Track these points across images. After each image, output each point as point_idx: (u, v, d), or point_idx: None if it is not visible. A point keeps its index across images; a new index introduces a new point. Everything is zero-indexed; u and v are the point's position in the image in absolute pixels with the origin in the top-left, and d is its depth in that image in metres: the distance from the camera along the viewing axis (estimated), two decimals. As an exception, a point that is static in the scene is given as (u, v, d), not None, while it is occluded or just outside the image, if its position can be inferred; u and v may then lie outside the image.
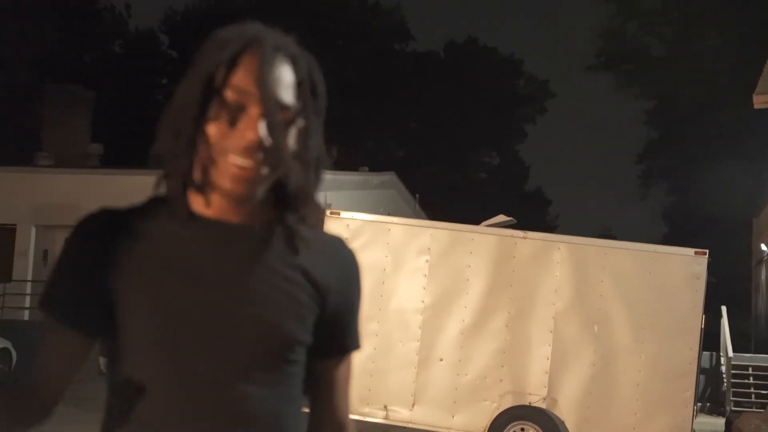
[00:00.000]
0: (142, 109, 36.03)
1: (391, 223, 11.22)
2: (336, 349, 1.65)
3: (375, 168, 29.01)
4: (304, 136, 1.54)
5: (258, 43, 1.50)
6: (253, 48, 1.49)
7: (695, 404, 10.54)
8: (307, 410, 1.67)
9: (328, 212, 11.10)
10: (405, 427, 10.68)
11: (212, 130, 1.47)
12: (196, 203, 1.53)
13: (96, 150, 26.69)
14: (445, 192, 39.58)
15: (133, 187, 21.10)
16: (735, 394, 18.91)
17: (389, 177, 29.15)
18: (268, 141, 1.47)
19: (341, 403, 1.69)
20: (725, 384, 20.97)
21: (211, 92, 1.48)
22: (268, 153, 1.47)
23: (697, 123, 35.07)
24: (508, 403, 10.45)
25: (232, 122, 1.47)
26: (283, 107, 1.49)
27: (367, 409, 10.52)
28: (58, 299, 1.54)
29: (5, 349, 19.61)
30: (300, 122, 1.53)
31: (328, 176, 25.71)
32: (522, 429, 10.38)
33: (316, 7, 40.44)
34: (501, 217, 12.67)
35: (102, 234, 1.54)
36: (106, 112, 32.22)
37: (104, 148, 26.84)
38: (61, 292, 1.54)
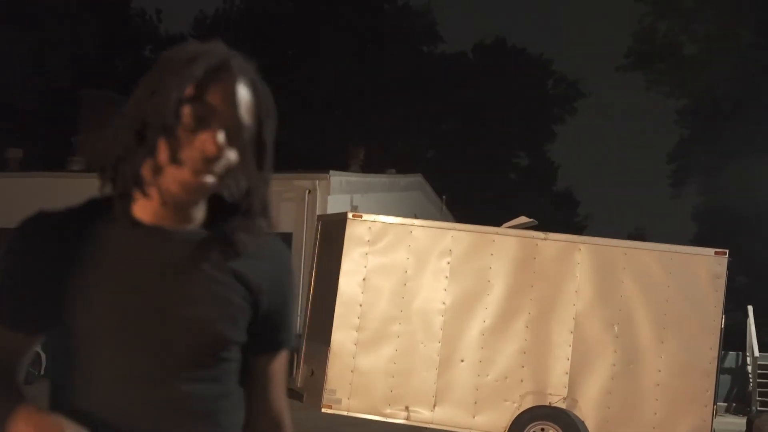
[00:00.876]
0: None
1: (413, 225, 11.33)
2: (270, 346, 1.75)
3: (403, 170, 29.08)
4: (257, 153, 1.65)
5: (227, 66, 1.60)
6: (223, 69, 1.59)
7: (715, 404, 10.56)
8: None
9: (350, 215, 11.24)
10: (426, 428, 10.79)
11: (166, 141, 1.56)
12: (135, 208, 1.62)
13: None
14: (474, 193, 39.58)
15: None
16: (761, 394, 18.82)
17: (416, 179, 29.21)
18: (226, 156, 1.58)
19: (277, 396, 1.78)
20: (751, 384, 20.87)
21: (179, 105, 1.56)
22: (221, 167, 1.58)
23: (729, 122, 34.83)
24: (528, 403, 10.53)
25: (192, 134, 1.56)
26: (240, 128, 1.60)
27: (389, 410, 10.64)
28: (15, 309, 1.62)
29: (35, 353, 19.93)
30: (254, 140, 1.64)
31: (355, 179, 25.94)
32: (542, 429, 10.46)
33: (348, 11, 40.61)
34: (522, 219, 12.71)
35: (41, 238, 1.61)
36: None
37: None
38: (17, 301, 1.62)
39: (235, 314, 1.64)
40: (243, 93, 1.61)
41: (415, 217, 19.67)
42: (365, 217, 11.39)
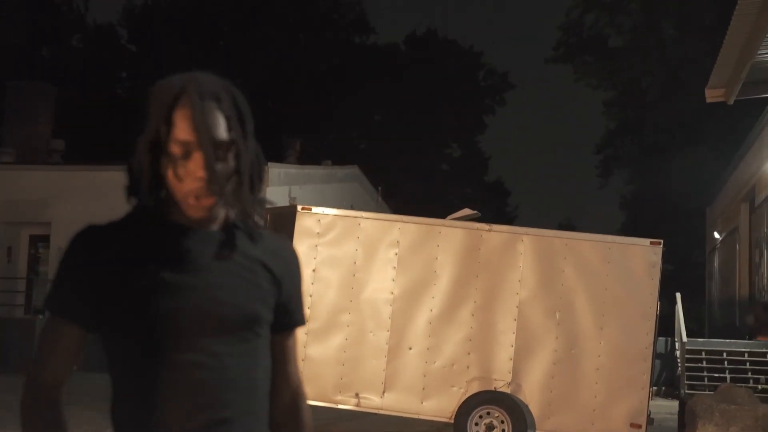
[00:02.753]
0: (103, 104, 35.98)
1: (361, 217, 11.58)
2: (288, 325, 2.07)
3: (338, 161, 29.29)
4: (239, 157, 1.91)
5: (185, 95, 1.86)
6: (182, 100, 1.86)
7: (651, 387, 11.06)
8: None
9: (299, 208, 11.44)
10: (376, 414, 11.07)
11: (172, 176, 1.87)
12: (175, 214, 1.91)
13: (58, 146, 26.64)
14: (408, 184, 39.94)
15: (95, 183, 21.13)
16: (689, 378, 19.54)
17: (352, 170, 29.43)
18: (213, 176, 1.85)
19: (294, 369, 2.11)
20: (680, 368, 21.62)
21: (160, 145, 1.86)
22: (216, 185, 1.85)
23: (654, 113, 35.81)
24: (475, 388, 10.88)
25: (185, 167, 1.86)
26: (219, 144, 1.86)
27: (339, 397, 10.90)
28: (59, 299, 1.90)
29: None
30: (234, 149, 1.90)
31: (293, 170, 25.99)
32: (488, 413, 10.81)
33: (280, 0, 40.50)
34: (466, 211, 13.06)
35: (90, 247, 1.89)
36: (67, 107, 32.13)
37: (66, 143, 26.80)
38: (62, 294, 1.89)
39: (265, 296, 1.96)
40: (208, 115, 1.86)
41: (352, 208, 19.93)
42: (314, 209, 11.60)
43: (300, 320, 2.10)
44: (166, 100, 1.85)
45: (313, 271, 11.06)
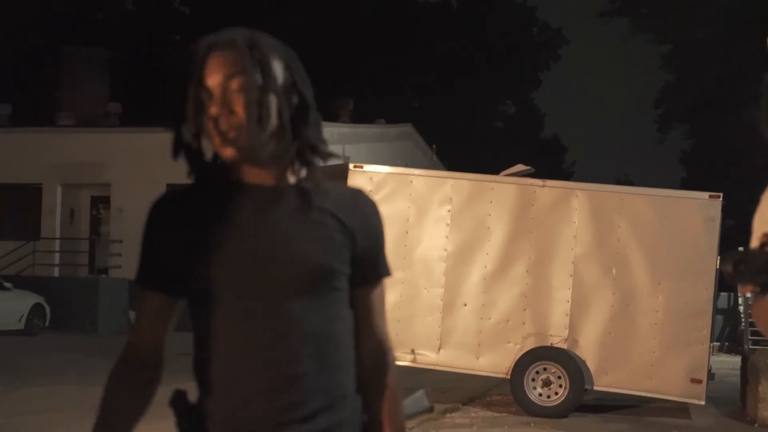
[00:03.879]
0: (157, 66, 36.25)
1: (413, 174, 11.54)
2: (370, 277, 2.01)
3: (392, 120, 29.20)
4: (272, 102, 1.86)
5: (217, 46, 1.86)
6: (213, 50, 1.85)
7: (711, 342, 10.91)
8: None
9: (351, 166, 11.43)
10: (432, 370, 11.10)
11: (205, 119, 1.86)
12: (238, 173, 1.91)
13: (115, 109, 26.99)
14: (462, 142, 39.73)
15: (153, 144, 21.39)
16: (752, 333, 19.30)
17: (406, 128, 29.35)
18: (223, 110, 1.83)
19: (380, 322, 2.05)
20: (743, 323, 21.35)
21: (193, 99, 1.85)
22: (233, 119, 1.83)
23: (714, 65, 35.00)
24: (530, 344, 10.85)
25: (208, 109, 1.85)
26: (236, 78, 1.83)
27: (395, 354, 10.90)
28: (143, 268, 1.94)
29: (39, 305, 20.18)
30: (266, 96, 1.86)
31: (346, 129, 26.03)
32: (545, 368, 10.79)
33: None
34: (520, 167, 12.94)
35: (165, 212, 1.92)
36: (122, 70, 32.46)
37: (123, 106, 27.14)
38: (155, 268, 1.92)
39: (338, 248, 1.91)
40: (230, 56, 1.84)
41: (406, 166, 19.88)
42: (366, 167, 11.58)
43: (382, 272, 2.03)
44: (199, 54, 1.85)
45: (366, 228, 11.05)
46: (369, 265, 1.99)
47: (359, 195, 2.02)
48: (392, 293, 10.94)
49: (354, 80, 37.33)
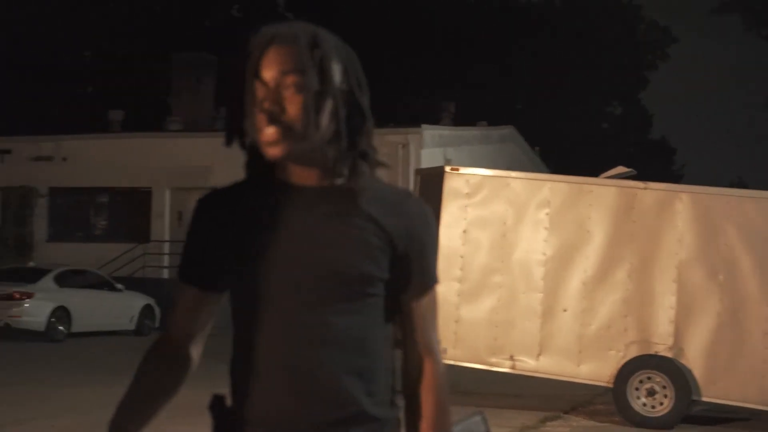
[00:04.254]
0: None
1: (510, 177, 11.37)
2: (414, 283, 1.93)
3: (494, 122, 28.96)
4: (327, 105, 1.82)
5: (275, 39, 1.81)
6: (272, 44, 1.80)
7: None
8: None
9: (447, 168, 11.34)
10: (532, 377, 10.90)
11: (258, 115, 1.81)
12: (283, 172, 1.87)
13: (223, 113, 27.53)
14: (567, 144, 39.17)
15: None
16: None
17: (509, 130, 29.07)
18: (276, 107, 1.78)
19: (425, 331, 1.96)
20: None
21: (247, 90, 1.81)
22: (284, 115, 1.78)
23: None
24: (633, 352, 10.52)
25: (261, 104, 1.80)
26: (294, 76, 1.78)
27: (493, 359, 10.79)
28: (191, 269, 1.94)
29: (149, 306, 20.76)
30: (321, 99, 1.81)
31: (447, 132, 25.95)
32: (649, 377, 10.46)
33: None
34: (620, 168, 12.59)
35: (209, 209, 1.92)
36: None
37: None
38: (192, 263, 1.94)
39: (374, 253, 1.84)
40: (289, 51, 1.80)
41: (509, 169, 19.68)
42: (462, 170, 11.48)
43: (426, 279, 1.94)
44: (259, 44, 1.81)
45: (464, 232, 10.96)
46: (412, 271, 1.91)
47: (406, 198, 1.93)
48: (490, 298, 10.81)
49: (457, 82, 37.19)
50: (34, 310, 17.83)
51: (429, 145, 23.27)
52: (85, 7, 34.30)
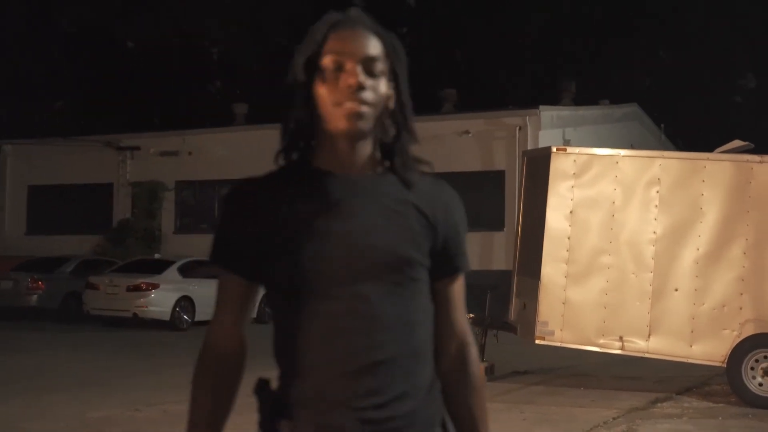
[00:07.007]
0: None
1: (619, 156, 11.14)
2: (450, 270, 1.99)
3: (617, 101, 28.29)
4: (392, 85, 1.91)
5: (343, 20, 1.91)
6: (338, 26, 1.90)
7: None
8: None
9: (554, 149, 11.20)
10: (642, 358, 10.70)
11: (323, 91, 1.87)
12: (322, 162, 1.92)
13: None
14: (696, 120, 37.87)
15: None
16: None
17: (632, 109, 28.35)
18: (364, 82, 1.85)
19: (459, 316, 2.02)
20: None
21: (314, 66, 1.88)
22: (369, 96, 1.86)
23: None
24: (749, 331, 10.20)
25: (336, 80, 1.87)
26: (371, 59, 1.87)
27: (602, 341, 10.63)
28: (223, 253, 1.94)
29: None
30: (387, 74, 1.90)
31: (566, 112, 25.52)
32: (765, 356, 10.12)
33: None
34: (737, 143, 12.14)
35: (247, 198, 1.92)
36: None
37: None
38: (225, 248, 1.94)
39: (417, 239, 1.91)
40: (362, 35, 1.89)
41: (632, 148, 19.20)
42: (569, 149, 11.33)
43: (461, 265, 2.01)
44: (322, 28, 1.90)
45: (570, 213, 10.82)
46: (448, 258, 1.98)
47: (442, 187, 2.01)
48: (599, 279, 10.65)
49: (579, 61, 36.49)
50: (160, 300, 18.56)
51: (547, 126, 22.96)
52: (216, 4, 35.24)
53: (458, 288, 2.02)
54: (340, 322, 1.84)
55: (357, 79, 1.83)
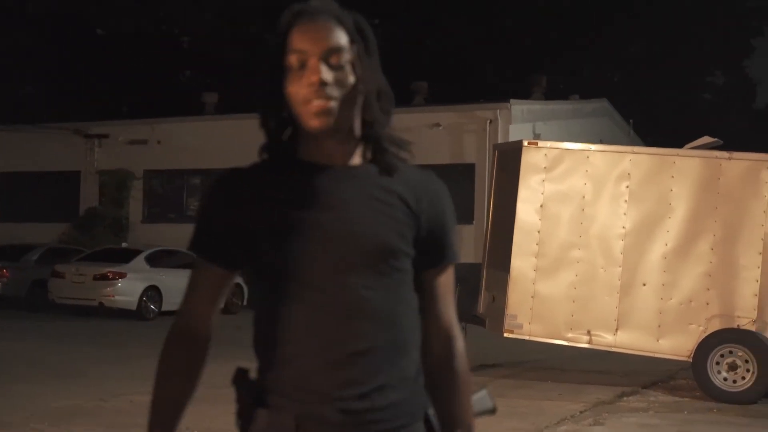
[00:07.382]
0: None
1: (589, 150, 11.20)
2: (436, 261, 1.97)
3: (587, 96, 28.44)
4: (359, 72, 1.88)
5: (302, 13, 1.88)
6: (300, 18, 1.87)
7: None
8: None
9: (525, 143, 11.24)
10: (609, 352, 10.77)
11: (292, 90, 1.86)
12: (306, 153, 1.91)
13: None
14: (665, 116, 38.16)
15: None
16: None
17: (601, 104, 28.51)
18: (328, 79, 1.83)
19: (446, 307, 2.01)
20: None
21: (281, 64, 1.87)
22: (330, 89, 1.83)
23: None
24: (715, 326, 10.31)
25: (302, 78, 1.85)
26: (334, 50, 1.85)
27: (571, 335, 10.69)
28: (204, 242, 1.94)
29: (238, 285, 21.09)
30: (354, 63, 1.87)
31: (537, 107, 25.66)
32: (730, 351, 10.22)
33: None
34: (706, 139, 12.26)
35: (232, 188, 1.91)
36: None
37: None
38: (206, 237, 1.93)
39: (400, 229, 1.89)
40: (323, 26, 1.86)
41: (601, 143, 19.31)
42: (540, 144, 11.37)
43: (448, 257, 1.99)
44: (284, 22, 1.88)
45: (541, 206, 10.86)
46: (434, 249, 1.96)
47: (429, 178, 1.99)
48: (568, 273, 10.70)
49: (549, 56, 36.63)
50: (127, 289, 18.40)
51: (518, 120, 23.04)
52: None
53: (445, 280, 2.00)
54: (323, 312, 1.82)
55: (319, 77, 1.81)
